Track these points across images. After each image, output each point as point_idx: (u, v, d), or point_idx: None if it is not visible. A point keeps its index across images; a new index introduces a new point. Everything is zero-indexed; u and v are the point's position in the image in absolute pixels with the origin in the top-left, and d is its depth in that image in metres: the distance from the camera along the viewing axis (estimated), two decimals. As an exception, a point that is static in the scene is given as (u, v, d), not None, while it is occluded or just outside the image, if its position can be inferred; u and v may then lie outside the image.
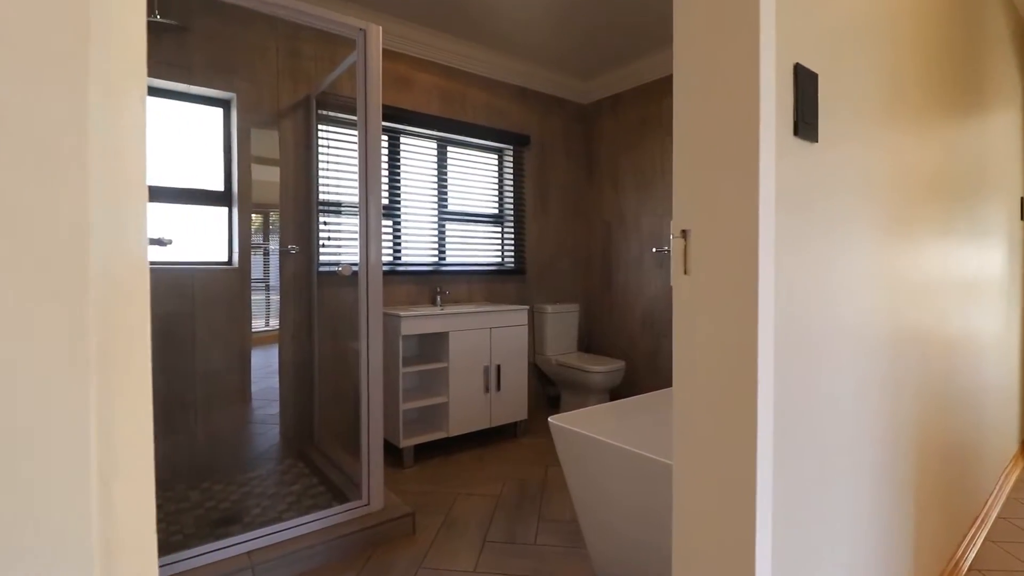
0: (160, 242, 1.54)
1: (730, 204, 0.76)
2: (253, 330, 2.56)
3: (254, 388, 2.57)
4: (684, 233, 0.84)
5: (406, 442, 2.57)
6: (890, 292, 1.15)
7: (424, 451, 2.77)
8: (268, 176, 2.60)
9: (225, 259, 2.55)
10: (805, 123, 0.84)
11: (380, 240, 2.00)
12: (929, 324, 1.40)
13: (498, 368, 2.89)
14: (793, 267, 0.84)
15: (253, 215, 2.55)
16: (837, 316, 0.96)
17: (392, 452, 2.71)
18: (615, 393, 3.67)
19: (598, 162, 3.87)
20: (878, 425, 1.12)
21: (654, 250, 3.40)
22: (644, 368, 3.52)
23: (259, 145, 2.56)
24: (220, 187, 2.55)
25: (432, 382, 2.86)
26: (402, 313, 2.54)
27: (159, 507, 2.15)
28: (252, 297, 2.54)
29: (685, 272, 0.84)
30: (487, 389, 2.84)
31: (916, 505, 1.34)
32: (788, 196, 0.82)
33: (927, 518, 1.41)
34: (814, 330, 0.89)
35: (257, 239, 2.58)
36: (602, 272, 3.84)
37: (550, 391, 3.72)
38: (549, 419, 1.65)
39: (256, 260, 2.56)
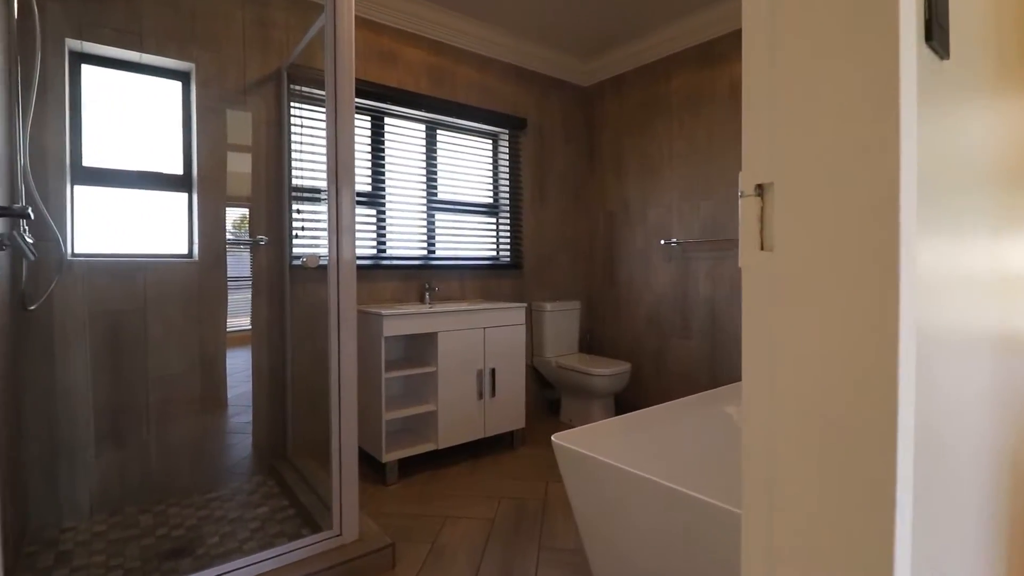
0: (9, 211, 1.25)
1: (853, 136, 0.49)
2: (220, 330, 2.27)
3: (220, 395, 2.28)
4: (760, 189, 0.57)
5: (389, 456, 2.29)
6: (1002, 288, 0.89)
7: (410, 465, 2.50)
8: (234, 159, 2.31)
9: (184, 251, 2.27)
10: (939, 25, 0.56)
11: (353, 229, 1.73)
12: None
13: (492, 372, 2.62)
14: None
15: (219, 202, 2.26)
16: (963, 314, 0.69)
17: (374, 467, 2.43)
18: (620, 397, 3.40)
19: (600, 148, 3.60)
20: (984, 451, 0.85)
21: (662, 242, 3.13)
22: (650, 370, 3.25)
23: (222, 123, 2.27)
24: (179, 170, 2.27)
25: (419, 388, 2.58)
26: (384, 312, 2.26)
27: (100, 534, 1.88)
28: (218, 294, 2.25)
29: (762, 247, 0.57)
30: (480, 395, 2.57)
31: (1012, 544, 1.07)
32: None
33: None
34: (944, 331, 0.62)
35: (223, 229, 2.29)
36: (605, 267, 3.57)
37: (549, 395, 3.45)
38: (552, 438, 1.38)
39: (222, 253, 2.28)
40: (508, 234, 3.26)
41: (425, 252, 2.93)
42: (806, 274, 0.52)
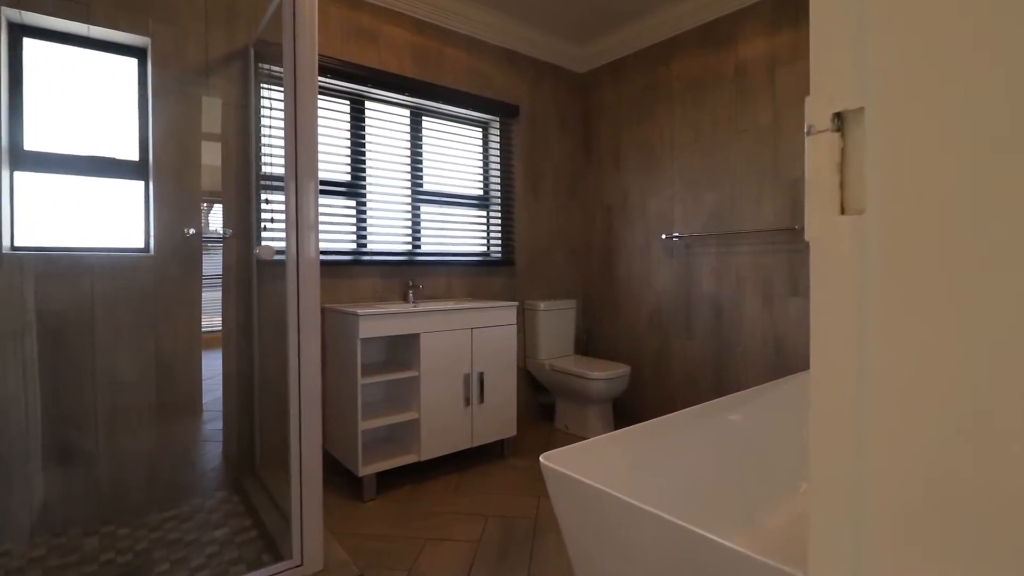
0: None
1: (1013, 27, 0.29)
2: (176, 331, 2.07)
3: (179, 401, 2.08)
4: (840, 121, 0.37)
5: (366, 469, 2.09)
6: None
7: (390, 479, 2.30)
8: (196, 144, 2.11)
9: (140, 245, 2.06)
10: None
11: (315, 224, 1.53)
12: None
13: (481, 376, 2.42)
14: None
15: (179, 191, 2.06)
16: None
17: (351, 481, 2.23)
18: (618, 402, 3.21)
19: (597, 137, 3.40)
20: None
21: (663, 236, 2.93)
22: (651, 372, 3.06)
23: (183, 105, 2.07)
24: (134, 156, 2.06)
25: (400, 395, 2.38)
26: (361, 311, 2.06)
27: (37, 560, 1.67)
28: (177, 291, 2.05)
29: (843, 209, 0.37)
30: (468, 402, 2.37)
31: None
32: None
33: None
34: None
35: (184, 220, 2.08)
36: (603, 263, 3.37)
37: (543, 399, 3.25)
38: (540, 459, 1.18)
39: (184, 247, 2.07)
40: (499, 229, 3.06)
41: (409, 247, 2.73)
42: (919, 249, 0.32)
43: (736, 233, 2.61)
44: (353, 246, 2.54)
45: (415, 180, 2.75)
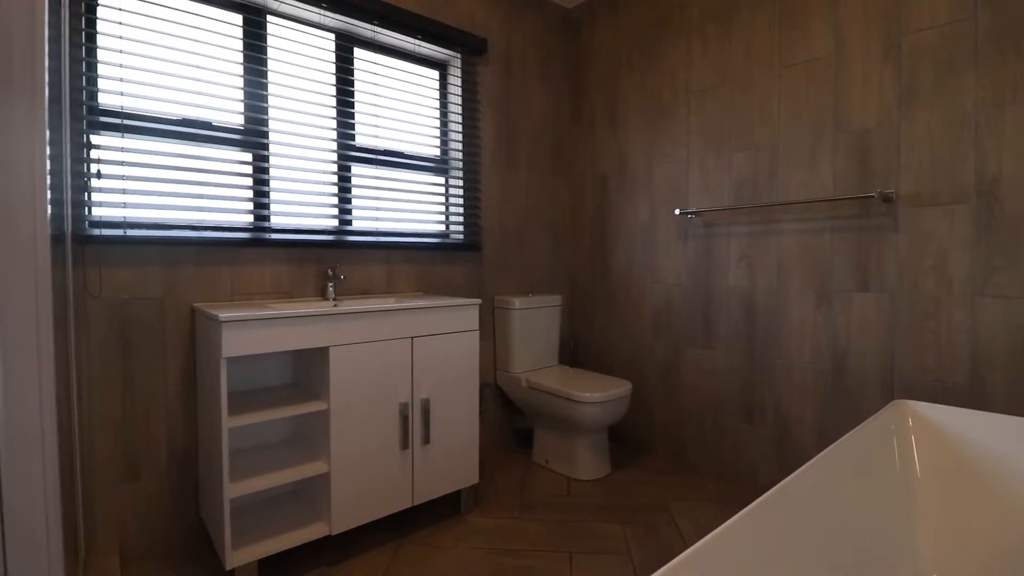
0: None
1: None
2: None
3: None
4: None
5: (239, 556, 1.35)
6: None
7: (285, 565, 1.57)
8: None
9: None
10: None
11: (39, 168, 0.79)
12: None
13: (426, 406, 1.70)
14: None
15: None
16: None
17: (217, 572, 1.49)
18: (615, 428, 2.54)
19: (589, 89, 2.69)
20: None
21: (676, 212, 2.23)
22: (658, 391, 2.37)
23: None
24: None
25: (302, 438, 1.65)
26: (225, 315, 1.31)
27: None
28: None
29: None
30: (406, 444, 1.65)
31: None
32: None
33: None
34: None
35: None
36: (595, 248, 2.67)
37: (518, 423, 2.54)
38: None
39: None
40: (461, 201, 2.33)
41: (336, 223, 1.98)
42: None
43: (777, 205, 1.92)
44: (249, 218, 1.78)
45: (344, 132, 2.00)
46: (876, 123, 1.69)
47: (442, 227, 2.30)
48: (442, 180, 2.31)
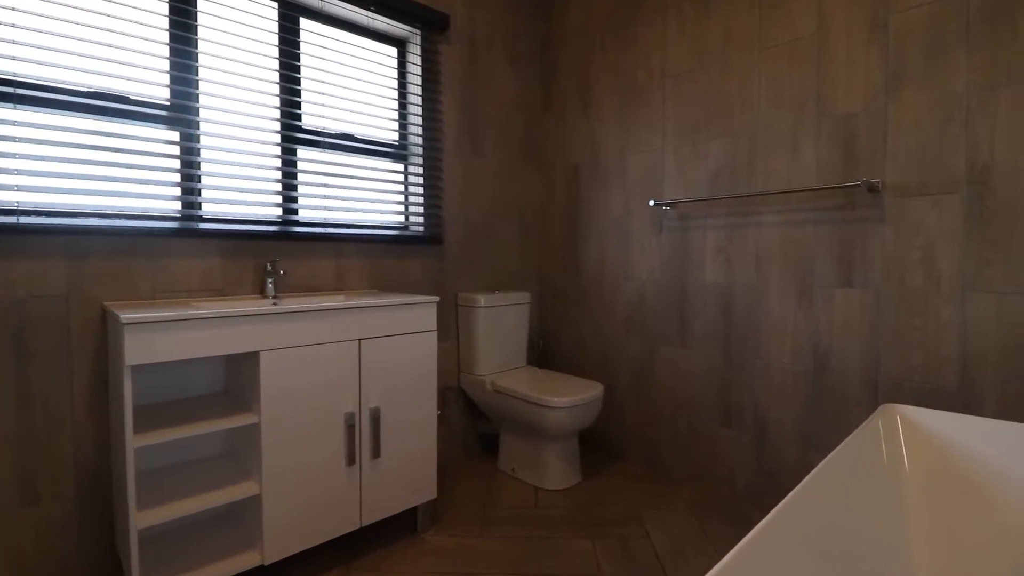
0: None
1: None
2: None
3: None
4: None
5: (152, 597, 1.17)
6: None
7: (219, 589, 1.38)
8: None
9: None
10: None
11: None
12: None
13: (375, 415, 1.52)
14: None
15: None
16: None
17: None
18: (586, 433, 2.41)
19: (560, 73, 2.54)
20: None
21: (650, 203, 2.10)
22: (631, 392, 2.25)
23: None
24: None
25: (232, 453, 1.47)
26: (127, 316, 1.11)
27: None
28: None
29: None
30: (353, 459, 1.48)
31: None
32: None
33: None
34: None
35: None
36: (566, 242, 2.52)
37: (483, 427, 2.39)
38: None
39: None
40: (421, 191, 2.15)
41: (279, 212, 1.79)
42: None
43: (757, 196, 1.80)
44: (177, 205, 1.58)
45: (288, 112, 1.80)
46: (861, 107, 1.58)
47: (400, 218, 2.13)
48: (401, 167, 2.13)
